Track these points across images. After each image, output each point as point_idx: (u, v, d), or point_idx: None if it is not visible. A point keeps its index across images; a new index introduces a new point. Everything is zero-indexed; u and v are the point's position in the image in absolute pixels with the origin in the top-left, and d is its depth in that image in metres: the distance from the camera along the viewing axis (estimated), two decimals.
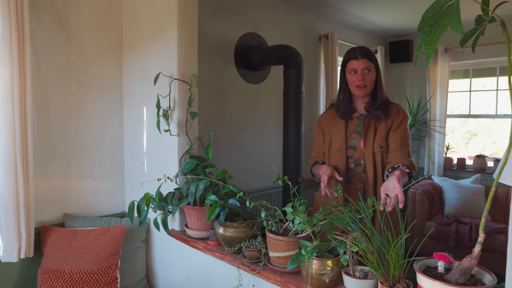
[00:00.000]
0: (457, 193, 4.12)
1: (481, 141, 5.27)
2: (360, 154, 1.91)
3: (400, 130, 1.88)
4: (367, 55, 1.88)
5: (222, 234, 1.67)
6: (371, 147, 1.87)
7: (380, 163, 1.89)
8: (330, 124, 2.00)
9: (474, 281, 1.07)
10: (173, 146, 2.06)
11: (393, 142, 1.86)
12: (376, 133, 1.88)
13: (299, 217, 1.28)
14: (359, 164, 1.92)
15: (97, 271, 1.93)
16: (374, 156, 1.88)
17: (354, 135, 1.94)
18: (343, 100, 1.95)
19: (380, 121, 1.88)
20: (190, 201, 1.83)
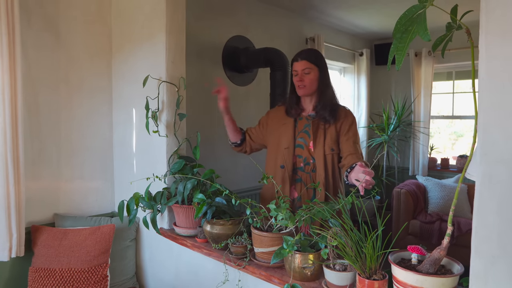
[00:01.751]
0: (440, 192, 4.24)
1: (467, 141, 5.39)
2: (309, 154, 1.99)
3: (351, 134, 1.96)
4: (307, 57, 1.97)
5: (209, 231, 1.73)
6: (321, 149, 1.95)
7: (330, 165, 1.96)
8: (280, 122, 2.07)
9: (444, 271, 1.15)
10: (162, 147, 2.12)
11: (346, 147, 1.94)
12: (326, 135, 1.96)
13: (282, 213, 1.35)
14: (308, 164, 1.99)
15: (88, 269, 1.97)
16: (325, 158, 1.96)
17: (302, 134, 2.01)
18: (291, 100, 2.05)
19: (330, 124, 1.96)
20: (179, 200, 1.89)
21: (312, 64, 1.97)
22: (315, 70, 1.97)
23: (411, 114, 5.00)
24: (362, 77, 5.08)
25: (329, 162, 1.96)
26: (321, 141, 1.96)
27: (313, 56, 2.00)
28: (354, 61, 5.08)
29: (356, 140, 1.97)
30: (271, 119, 2.13)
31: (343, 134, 1.96)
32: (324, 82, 2.00)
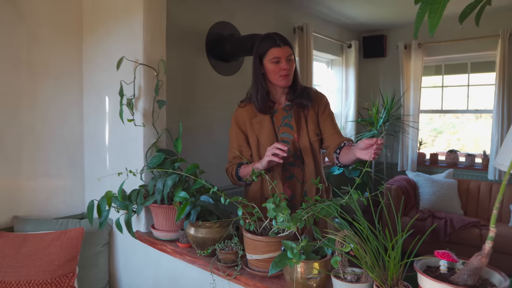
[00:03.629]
0: (431, 188, 4.10)
1: (446, 138, 5.33)
2: (296, 147, 1.81)
3: (327, 113, 1.85)
4: (288, 42, 1.78)
5: (193, 235, 1.49)
6: (306, 137, 1.80)
7: (318, 151, 1.85)
8: (252, 122, 1.82)
9: (481, 281, 0.95)
10: (138, 138, 1.86)
11: (326, 127, 1.83)
12: (308, 122, 1.82)
13: (283, 214, 1.12)
14: (298, 157, 1.82)
15: (51, 280, 1.70)
16: (311, 145, 1.81)
17: (283, 128, 1.82)
18: (260, 94, 1.78)
19: (308, 108, 1.81)
20: (157, 198, 1.64)
21: (292, 51, 1.79)
22: (293, 57, 1.81)
23: (400, 108, 4.86)
24: (350, 70, 4.91)
25: (317, 149, 1.84)
26: (304, 129, 1.81)
27: (289, 41, 1.80)
28: (342, 53, 4.90)
29: (333, 119, 1.87)
30: (241, 124, 1.85)
31: (320, 115, 1.85)
32: (295, 67, 1.84)
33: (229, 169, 1.83)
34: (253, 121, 1.82)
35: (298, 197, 1.80)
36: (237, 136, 1.85)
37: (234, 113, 1.89)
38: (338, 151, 1.73)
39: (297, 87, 1.82)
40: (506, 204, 3.94)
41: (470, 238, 3.57)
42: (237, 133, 1.85)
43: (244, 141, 1.84)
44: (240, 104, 1.90)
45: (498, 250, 3.44)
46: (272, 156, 1.55)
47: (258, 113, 1.82)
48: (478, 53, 4.45)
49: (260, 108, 1.80)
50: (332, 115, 1.87)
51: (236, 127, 1.86)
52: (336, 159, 1.74)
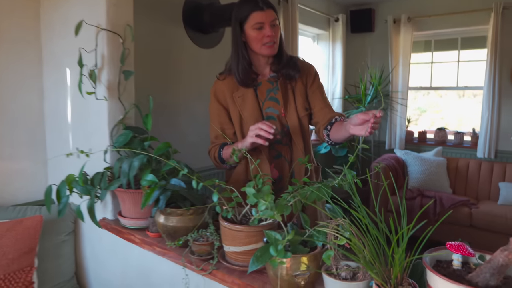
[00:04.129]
0: (420, 167, 3.99)
1: (430, 117, 5.23)
2: (282, 123, 1.62)
3: (317, 85, 1.67)
4: (272, 5, 1.54)
5: (163, 224, 1.30)
6: (294, 113, 1.61)
7: (307, 128, 1.66)
8: (234, 96, 1.60)
9: (504, 280, 0.79)
10: (102, 114, 1.64)
11: (316, 101, 1.65)
12: (296, 95, 1.63)
13: (265, 200, 0.94)
14: (285, 135, 1.62)
15: (4, 277, 1.50)
16: (300, 121, 1.61)
17: (269, 102, 1.62)
18: (242, 64, 1.56)
19: (295, 80, 1.62)
20: (123, 182, 1.43)
21: (277, 15, 1.56)
22: (278, 22, 1.57)
23: (388, 84, 4.70)
24: (337, 45, 4.70)
25: (305, 125, 1.65)
26: (292, 103, 1.61)
27: (271, 3, 1.56)
28: (329, 28, 4.68)
29: (323, 92, 1.69)
30: (221, 99, 1.64)
31: (309, 87, 1.66)
32: (280, 34, 1.62)
33: (212, 151, 1.62)
34: (235, 95, 1.60)
35: (285, 178, 1.62)
36: (217, 112, 1.63)
37: (213, 86, 1.67)
38: (329, 127, 1.55)
39: (283, 57, 1.61)
40: (495, 181, 3.86)
41: (460, 217, 3.48)
42: (218, 108, 1.63)
43: (225, 117, 1.63)
44: (219, 76, 1.67)
45: (486, 228, 3.37)
46: (256, 138, 1.36)
47: (240, 86, 1.61)
48: (469, 28, 4.28)
49: (242, 81, 1.58)
50: (321, 87, 1.69)
51: (216, 102, 1.64)
52: (326, 136, 1.57)
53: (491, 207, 3.48)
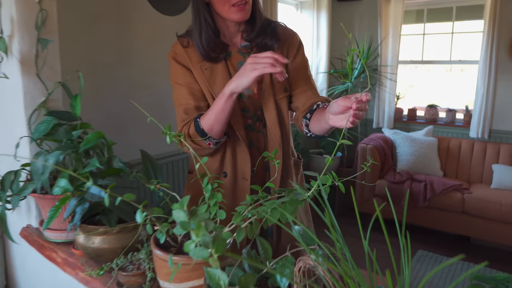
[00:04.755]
0: (410, 148, 3.72)
1: (419, 93, 4.95)
2: (255, 105, 1.27)
3: (301, 60, 1.31)
4: None
5: (83, 244, 0.97)
6: (271, 93, 1.24)
7: (286, 113, 1.31)
8: (200, 67, 1.23)
9: None
10: (17, 96, 1.28)
11: (298, 80, 1.29)
12: None
13: (197, 234, 0.62)
14: (258, 119, 1.28)
15: None
16: (277, 105, 1.26)
17: None
18: (206, 33, 1.20)
19: (273, 51, 1.24)
20: (37, 186, 1.10)
21: None
22: None
23: (377, 58, 4.36)
24: (322, 14, 4.31)
25: (284, 110, 1.29)
26: (268, 81, 1.24)
27: None
28: None
29: (308, 68, 1.34)
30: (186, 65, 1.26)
31: (291, 62, 1.29)
32: None
33: (184, 130, 1.21)
34: (202, 66, 1.23)
35: (260, 174, 1.31)
36: (184, 78, 1.24)
37: (171, 50, 1.28)
38: (309, 115, 1.23)
39: (257, 22, 1.24)
40: (488, 163, 3.63)
41: (452, 203, 3.25)
42: (184, 74, 1.24)
43: (196, 83, 1.24)
44: (181, 40, 1.26)
45: (479, 215, 3.15)
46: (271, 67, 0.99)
47: (206, 60, 1.24)
48: None
49: (207, 55, 1.21)
50: (306, 62, 1.33)
51: (180, 67, 1.24)
52: (305, 127, 1.24)
53: (484, 192, 3.25)
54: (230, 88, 1.07)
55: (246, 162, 1.24)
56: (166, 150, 2.61)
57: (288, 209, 0.78)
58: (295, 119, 1.33)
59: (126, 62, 2.40)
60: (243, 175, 1.25)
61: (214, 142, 1.18)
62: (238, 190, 1.26)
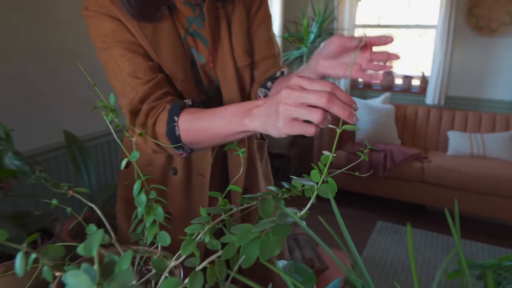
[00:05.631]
0: (368, 116, 3.58)
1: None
2: (210, 76, 0.93)
3: (263, 16, 0.97)
4: None
5: None
6: (230, 60, 0.92)
7: (250, 85, 0.98)
8: (139, 24, 0.83)
9: None
10: None
11: (259, 43, 0.96)
12: (232, 29, 0.92)
13: None
14: (216, 94, 0.95)
15: None
16: (238, 74, 0.94)
17: (191, 39, 0.90)
18: None
19: (233, 4, 0.92)
20: None
21: None
22: None
23: (333, 21, 4.12)
24: None
25: (247, 82, 0.96)
26: (226, 44, 0.91)
27: None
28: None
29: (271, 27, 1.00)
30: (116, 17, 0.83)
31: (253, 17, 0.96)
32: None
33: (150, 121, 0.80)
34: (141, 24, 0.83)
35: (218, 166, 1.00)
36: (118, 34, 0.82)
37: (86, 1, 0.85)
38: (270, 84, 0.92)
39: None
40: (443, 130, 3.59)
41: (412, 173, 3.17)
42: (116, 28, 0.82)
43: (135, 39, 0.84)
44: None
45: (438, 183, 3.11)
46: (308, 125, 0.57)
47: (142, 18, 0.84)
48: None
49: (138, 11, 0.81)
50: (269, 18, 1.00)
51: (105, 18, 0.82)
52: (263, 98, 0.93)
53: (442, 160, 3.21)
54: (254, 126, 0.65)
55: (204, 153, 0.93)
56: (97, 129, 2.21)
57: (272, 242, 0.50)
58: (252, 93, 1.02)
59: (40, 23, 1.93)
60: (198, 170, 0.95)
61: (188, 151, 0.82)
62: (193, 190, 0.96)
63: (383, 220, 3.21)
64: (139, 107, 0.80)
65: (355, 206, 3.46)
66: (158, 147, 0.80)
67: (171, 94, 0.84)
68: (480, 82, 3.67)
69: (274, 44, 0.99)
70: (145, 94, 0.80)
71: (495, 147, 3.24)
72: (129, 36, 0.83)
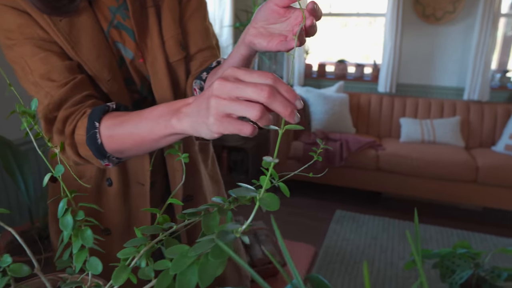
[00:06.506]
0: (323, 106, 3.56)
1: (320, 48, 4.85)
2: (140, 72, 0.81)
3: (196, 4, 0.85)
4: None
5: None
6: (160, 52, 0.79)
7: (185, 81, 0.85)
8: (51, 18, 0.68)
9: None
10: None
11: (192, 32, 0.85)
12: (163, 20, 0.80)
13: None
14: (150, 92, 0.83)
15: None
16: (171, 70, 0.82)
17: (114, 34, 0.77)
18: None
19: None
20: None
21: None
22: None
23: None
24: None
25: (181, 78, 0.84)
26: (156, 37, 0.79)
27: None
28: None
29: (206, 14, 0.88)
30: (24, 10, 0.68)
31: (184, 6, 0.84)
32: None
33: (68, 129, 0.67)
34: (54, 18, 0.69)
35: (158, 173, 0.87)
36: (25, 30, 0.69)
37: None
38: (205, 74, 0.80)
39: None
40: (396, 117, 3.65)
41: (367, 161, 3.19)
42: (23, 22, 0.68)
43: (47, 35, 0.70)
44: None
45: (392, 170, 3.15)
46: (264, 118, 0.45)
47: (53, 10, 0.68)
48: None
49: (47, 4, 0.67)
50: (204, 6, 0.87)
51: (9, 11, 0.67)
52: (199, 91, 0.80)
53: (395, 147, 3.26)
54: (182, 127, 0.54)
55: (141, 160, 0.81)
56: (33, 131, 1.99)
57: (212, 265, 0.41)
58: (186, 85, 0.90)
59: None
60: (137, 178, 0.82)
61: (115, 161, 0.69)
62: (132, 201, 0.83)
63: (342, 209, 3.21)
64: (55, 114, 0.67)
65: (313, 196, 3.45)
66: (79, 158, 0.67)
67: (93, 97, 0.71)
68: (428, 69, 3.76)
69: (210, 35, 0.87)
70: (60, 98, 0.67)
71: (444, 132, 3.34)
72: (40, 31, 0.69)
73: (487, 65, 3.43)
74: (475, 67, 3.46)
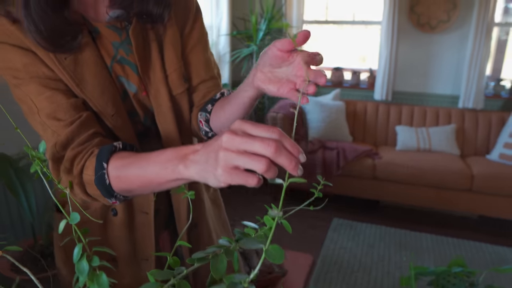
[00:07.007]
0: (320, 114, 3.59)
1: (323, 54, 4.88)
2: (144, 106, 0.84)
3: (198, 34, 0.87)
4: None
5: None
6: (163, 85, 0.81)
7: (188, 116, 0.88)
8: (56, 55, 0.70)
9: None
10: None
11: (194, 64, 0.87)
12: (166, 53, 0.82)
13: None
14: (154, 123, 0.86)
15: None
16: (175, 103, 0.84)
17: (119, 67, 0.78)
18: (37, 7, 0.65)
19: (164, 25, 0.81)
20: None
21: None
22: None
23: (282, 18, 4.07)
24: None
25: (185, 111, 0.87)
26: (158, 70, 0.81)
27: None
28: None
29: (207, 45, 0.91)
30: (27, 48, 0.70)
31: (186, 37, 0.86)
32: None
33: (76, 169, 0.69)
34: (59, 55, 0.71)
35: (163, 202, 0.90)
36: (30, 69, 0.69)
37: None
38: (210, 107, 0.83)
39: None
40: (392, 125, 3.69)
41: (364, 170, 3.22)
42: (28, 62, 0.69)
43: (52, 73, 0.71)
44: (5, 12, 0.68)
45: (389, 179, 3.18)
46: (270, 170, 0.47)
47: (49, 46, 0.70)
48: None
49: (52, 43, 0.69)
50: (206, 38, 0.90)
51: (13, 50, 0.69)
52: (205, 123, 0.84)
53: (391, 156, 3.29)
54: (189, 174, 0.55)
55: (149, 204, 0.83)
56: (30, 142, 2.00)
57: None
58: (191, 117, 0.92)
59: None
60: (141, 207, 0.84)
61: (122, 199, 0.70)
62: (136, 230, 0.85)
63: (339, 217, 3.24)
64: (62, 153, 0.69)
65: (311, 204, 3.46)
66: (87, 197, 0.69)
67: (99, 134, 0.73)
68: (423, 77, 3.80)
69: (212, 66, 0.90)
70: (67, 138, 0.69)
71: (439, 140, 3.37)
72: (45, 70, 0.71)
73: (481, 74, 3.47)
74: (470, 75, 3.50)
